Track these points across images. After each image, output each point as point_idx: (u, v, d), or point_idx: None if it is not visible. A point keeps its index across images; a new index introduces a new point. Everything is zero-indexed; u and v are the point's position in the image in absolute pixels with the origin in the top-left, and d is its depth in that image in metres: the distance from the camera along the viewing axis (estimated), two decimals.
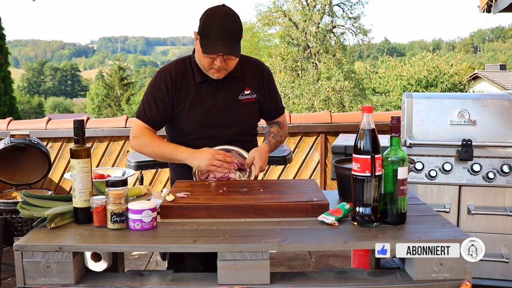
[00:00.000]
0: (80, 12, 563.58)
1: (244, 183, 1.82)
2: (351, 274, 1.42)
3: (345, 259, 3.26)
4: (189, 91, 1.96)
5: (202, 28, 1.84)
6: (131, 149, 3.95)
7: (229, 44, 1.82)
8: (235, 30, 1.83)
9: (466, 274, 1.34)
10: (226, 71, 1.91)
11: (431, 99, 2.74)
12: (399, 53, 51.06)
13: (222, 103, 1.97)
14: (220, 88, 1.98)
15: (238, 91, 2.00)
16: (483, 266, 2.64)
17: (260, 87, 2.05)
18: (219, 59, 1.84)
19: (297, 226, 1.47)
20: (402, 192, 1.44)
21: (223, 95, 1.97)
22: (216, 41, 1.80)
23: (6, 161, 3.18)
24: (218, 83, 1.97)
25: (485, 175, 2.60)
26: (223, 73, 1.91)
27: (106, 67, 50.16)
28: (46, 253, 1.35)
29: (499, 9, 3.42)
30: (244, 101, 2.00)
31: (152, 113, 1.98)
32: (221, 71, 1.90)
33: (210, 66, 1.88)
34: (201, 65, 1.92)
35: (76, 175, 1.50)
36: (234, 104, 1.99)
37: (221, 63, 1.84)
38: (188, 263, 1.89)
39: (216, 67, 1.87)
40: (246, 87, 2.02)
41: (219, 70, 1.88)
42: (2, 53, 13.20)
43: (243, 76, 2.02)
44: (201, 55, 1.87)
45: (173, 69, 1.98)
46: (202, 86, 1.97)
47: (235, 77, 1.99)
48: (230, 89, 1.99)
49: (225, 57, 1.84)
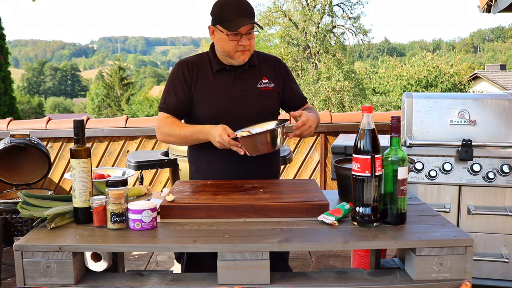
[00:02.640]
0: (80, 12, 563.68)
1: (244, 183, 1.82)
2: (351, 274, 1.42)
3: (345, 259, 3.26)
4: (207, 80, 2.00)
5: (219, 15, 1.93)
6: (131, 149, 3.96)
7: (252, 18, 1.92)
8: (251, 8, 1.95)
9: (466, 274, 1.35)
10: (250, 51, 1.97)
11: (431, 99, 2.74)
12: (399, 53, 51.06)
13: (240, 90, 1.99)
14: (238, 76, 2.01)
15: (256, 80, 2.03)
16: (483, 266, 2.64)
17: (278, 79, 2.08)
18: (243, 38, 1.90)
19: (297, 226, 1.47)
20: (402, 192, 1.44)
21: (241, 83, 2.00)
22: (238, 18, 1.89)
23: (6, 161, 3.18)
24: (236, 72, 2.00)
25: (485, 175, 2.60)
26: (247, 55, 1.96)
27: (106, 67, 50.15)
28: (46, 253, 1.35)
29: (499, 9, 3.42)
30: (263, 89, 2.03)
31: (171, 102, 2.01)
32: (246, 53, 1.95)
33: (236, 48, 1.93)
34: (226, 51, 1.96)
35: (76, 175, 1.50)
36: (253, 91, 2.01)
37: (246, 42, 1.91)
38: (204, 265, 1.88)
39: (241, 48, 1.92)
40: (263, 77, 2.05)
41: (244, 51, 1.94)
42: (2, 53, 13.19)
43: (259, 67, 2.06)
44: (225, 42, 1.93)
45: (190, 59, 2.07)
46: (220, 75, 2.01)
47: (252, 66, 2.03)
48: (248, 77, 2.02)
49: (247, 37, 1.91)
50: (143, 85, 56.00)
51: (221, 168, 2.01)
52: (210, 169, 2.03)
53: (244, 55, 1.95)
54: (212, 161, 2.02)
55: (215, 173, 2.00)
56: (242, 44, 1.91)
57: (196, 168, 2.11)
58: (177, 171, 3.02)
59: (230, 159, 1.96)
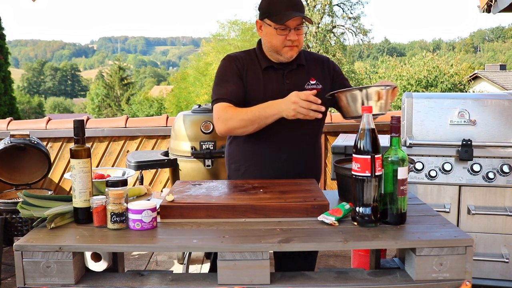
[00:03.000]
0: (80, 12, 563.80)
1: (244, 183, 1.82)
2: (351, 274, 1.42)
3: (345, 259, 3.26)
4: (257, 77, 1.96)
5: (268, 8, 1.90)
6: (131, 149, 3.96)
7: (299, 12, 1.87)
8: (300, 2, 1.90)
9: (466, 274, 1.34)
10: (298, 48, 1.92)
11: (431, 99, 2.74)
12: (399, 53, 51.07)
13: (288, 90, 1.88)
14: (286, 75, 1.97)
15: (304, 80, 1.98)
16: (483, 266, 2.64)
17: (326, 79, 2.02)
18: (292, 33, 1.87)
19: (297, 226, 1.47)
20: (402, 192, 1.44)
21: (289, 82, 1.95)
22: (287, 11, 1.85)
23: (6, 161, 3.18)
24: (284, 70, 1.96)
25: (485, 175, 2.60)
26: (295, 50, 1.92)
27: (106, 67, 50.18)
28: (46, 253, 1.35)
29: (499, 9, 3.42)
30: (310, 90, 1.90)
31: (229, 90, 1.92)
32: (294, 48, 1.90)
33: (283, 43, 1.89)
34: (274, 46, 1.91)
35: (76, 175, 1.50)
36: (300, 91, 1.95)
37: (294, 37, 1.87)
38: None
39: (289, 43, 1.88)
40: (311, 77, 1.99)
41: (292, 47, 1.89)
42: (2, 53, 13.20)
43: (307, 66, 2.01)
44: (273, 36, 1.89)
45: (238, 55, 2.01)
46: (269, 73, 1.97)
47: (300, 65, 1.99)
48: (296, 77, 1.98)
49: (296, 32, 1.87)
50: (143, 85, 56.01)
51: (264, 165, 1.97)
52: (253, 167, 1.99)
53: (292, 51, 1.90)
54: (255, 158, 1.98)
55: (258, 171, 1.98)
56: (291, 39, 1.87)
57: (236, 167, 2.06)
58: (177, 171, 3.02)
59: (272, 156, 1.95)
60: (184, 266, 3.10)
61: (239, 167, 2.05)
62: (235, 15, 54.78)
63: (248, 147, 2.00)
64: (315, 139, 2.07)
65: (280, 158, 1.97)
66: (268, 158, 1.98)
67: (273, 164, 1.98)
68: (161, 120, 4.02)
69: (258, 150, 1.98)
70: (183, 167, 2.99)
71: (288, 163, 1.98)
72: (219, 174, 2.93)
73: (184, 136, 2.95)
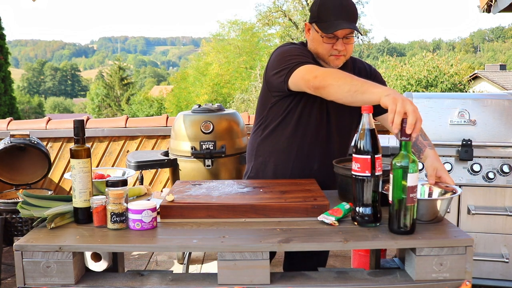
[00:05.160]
0: (80, 12, 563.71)
1: (244, 183, 1.82)
2: (351, 274, 1.42)
3: (345, 259, 3.26)
4: None
5: (318, 12, 1.81)
6: (131, 149, 3.96)
7: (348, 23, 1.76)
8: (353, 10, 1.79)
9: (466, 274, 1.34)
10: (345, 57, 1.84)
11: (431, 99, 2.74)
12: (399, 53, 51.08)
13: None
14: None
15: None
16: (483, 266, 2.64)
17: None
18: (339, 42, 1.78)
19: (297, 226, 1.47)
20: (412, 200, 1.36)
21: None
22: (336, 20, 1.75)
23: (6, 161, 3.18)
24: None
25: (485, 175, 2.60)
26: (342, 60, 1.84)
27: (106, 67, 50.18)
28: (46, 253, 1.35)
29: (499, 9, 3.42)
30: None
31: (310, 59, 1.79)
32: (340, 58, 1.83)
33: (330, 52, 1.81)
34: (320, 53, 1.84)
35: (76, 175, 1.50)
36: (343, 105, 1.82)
37: (341, 47, 1.79)
38: None
39: (336, 53, 1.80)
40: None
41: (339, 56, 1.81)
42: (2, 53, 13.20)
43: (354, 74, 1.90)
44: (319, 43, 1.81)
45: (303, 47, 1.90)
46: None
47: None
48: None
49: (344, 41, 1.78)
50: (143, 85, 56.03)
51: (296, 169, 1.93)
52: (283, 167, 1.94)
53: (338, 60, 1.82)
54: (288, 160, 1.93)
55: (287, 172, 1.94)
56: (337, 49, 1.79)
57: (264, 161, 1.99)
58: (177, 171, 3.02)
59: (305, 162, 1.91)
60: (184, 266, 3.10)
61: (267, 162, 1.98)
62: (235, 15, 54.76)
63: (284, 146, 1.94)
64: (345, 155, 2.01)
65: (313, 166, 1.93)
66: (301, 164, 1.93)
67: (304, 170, 1.93)
68: (161, 120, 4.02)
69: (294, 153, 1.92)
70: (183, 167, 2.99)
71: (319, 173, 1.93)
72: (219, 174, 2.94)
73: (184, 136, 2.95)
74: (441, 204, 1.47)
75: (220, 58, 22.86)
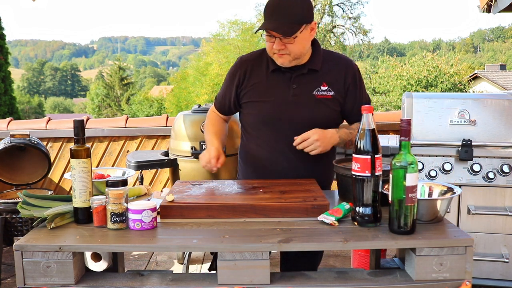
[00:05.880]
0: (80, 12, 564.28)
1: (244, 183, 1.82)
2: (351, 274, 1.42)
3: (345, 259, 3.26)
4: (260, 80, 1.91)
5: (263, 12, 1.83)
6: (131, 149, 3.96)
7: (277, 22, 1.74)
8: (286, 8, 1.74)
9: (466, 274, 1.34)
10: (290, 56, 1.80)
11: (431, 99, 2.74)
12: (399, 53, 51.11)
13: (293, 95, 1.85)
14: (294, 80, 1.86)
15: (314, 86, 1.86)
16: (483, 266, 2.64)
17: (340, 85, 1.88)
18: (276, 41, 1.77)
19: (297, 226, 1.47)
20: (411, 200, 1.36)
21: (296, 87, 1.86)
22: (265, 20, 1.77)
23: (6, 161, 3.18)
24: (292, 74, 1.86)
25: (485, 175, 2.60)
26: (287, 58, 1.81)
27: (106, 67, 50.19)
28: (46, 253, 1.35)
29: (499, 9, 3.42)
30: (319, 97, 1.85)
31: (219, 97, 2.05)
32: (284, 56, 1.80)
33: (272, 51, 1.81)
34: (268, 51, 1.86)
35: (76, 175, 1.50)
36: (307, 98, 1.85)
37: (278, 46, 1.77)
38: None
39: (276, 51, 1.80)
40: (323, 83, 1.86)
41: (281, 54, 1.80)
42: (2, 53, 13.20)
43: (322, 71, 1.88)
44: (266, 42, 1.83)
45: (249, 56, 1.98)
46: (275, 75, 1.89)
47: (313, 70, 1.87)
48: (305, 81, 1.86)
49: (284, 40, 1.76)
50: (143, 85, 56.02)
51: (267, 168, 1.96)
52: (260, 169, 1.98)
53: (282, 58, 1.81)
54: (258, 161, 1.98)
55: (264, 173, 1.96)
56: (276, 48, 1.78)
57: (246, 165, 2.06)
58: (177, 171, 3.02)
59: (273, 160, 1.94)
60: (184, 266, 3.10)
61: (248, 167, 2.04)
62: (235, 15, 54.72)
63: (254, 150, 1.99)
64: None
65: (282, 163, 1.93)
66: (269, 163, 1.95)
67: (275, 167, 1.94)
68: (161, 120, 4.02)
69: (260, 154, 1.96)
70: (183, 167, 2.98)
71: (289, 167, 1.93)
72: (219, 174, 2.93)
73: (184, 136, 2.95)
74: (441, 204, 1.47)
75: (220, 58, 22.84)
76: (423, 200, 1.47)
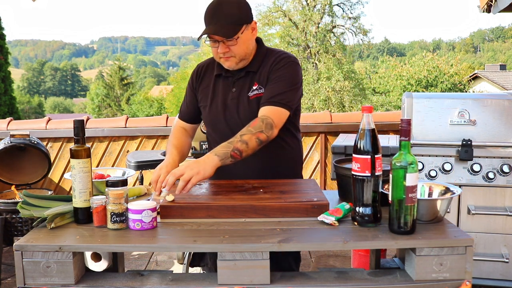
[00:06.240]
0: (80, 12, 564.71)
1: (244, 183, 1.82)
2: (351, 274, 1.42)
3: (345, 259, 3.26)
4: (209, 84, 1.97)
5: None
6: (131, 149, 3.96)
7: (217, 25, 1.76)
8: (224, 12, 1.77)
9: (466, 274, 1.34)
10: (236, 58, 1.83)
11: (431, 99, 2.74)
12: (399, 53, 51.13)
13: (232, 98, 1.90)
14: (234, 83, 1.92)
15: (249, 87, 1.90)
16: (483, 266, 2.64)
17: (265, 79, 1.88)
18: (220, 45, 1.79)
19: (297, 226, 1.47)
20: (411, 200, 1.36)
21: (235, 90, 1.91)
22: (206, 25, 1.79)
23: (6, 161, 3.18)
24: (233, 78, 1.92)
25: (485, 175, 2.60)
26: (233, 60, 1.84)
27: (106, 67, 50.17)
28: (46, 253, 1.35)
29: (499, 9, 3.43)
30: (252, 97, 1.88)
31: (183, 106, 2.08)
32: (230, 59, 1.83)
33: (218, 55, 1.84)
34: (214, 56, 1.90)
35: (76, 175, 1.50)
36: (243, 100, 1.89)
37: (222, 49, 1.80)
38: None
39: (222, 55, 1.83)
40: (255, 82, 1.89)
41: (227, 58, 1.83)
42: (2, 53, 13.20)
43: (259, 71, 1.90)
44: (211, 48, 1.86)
45: (204, 63, 2.05)
46: (219, 80, 1.95)
47: (250, 72, 1.90)
48: (242, 84, 1.91)
49: (227, 43, 1.78)
50: (143, 85, 56.03)
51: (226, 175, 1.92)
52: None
53: (228, 61, 1.84)
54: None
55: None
56: (220, 52, 1.81)
57: None
58: None
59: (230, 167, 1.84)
60: (184, 266, 3.10)
61: None
62: None
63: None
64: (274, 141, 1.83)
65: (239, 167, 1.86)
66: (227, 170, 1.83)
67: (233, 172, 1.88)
68: (161, 120, 4.02)
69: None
70: None
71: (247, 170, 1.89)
72: None
73: None
74: (441, 204, 1.47)
75: None
76: (423, 200, 1.47)
